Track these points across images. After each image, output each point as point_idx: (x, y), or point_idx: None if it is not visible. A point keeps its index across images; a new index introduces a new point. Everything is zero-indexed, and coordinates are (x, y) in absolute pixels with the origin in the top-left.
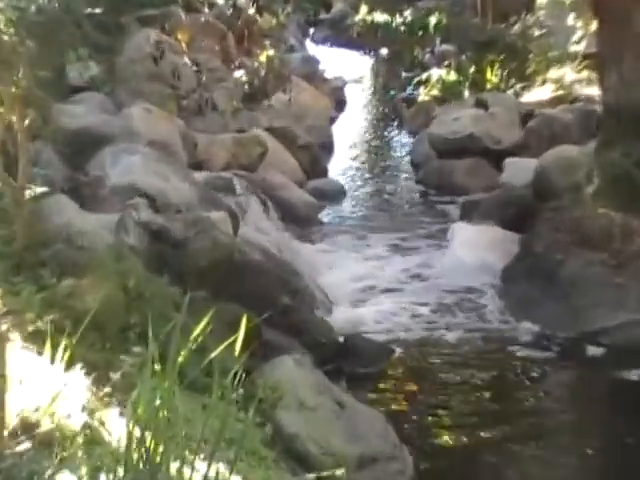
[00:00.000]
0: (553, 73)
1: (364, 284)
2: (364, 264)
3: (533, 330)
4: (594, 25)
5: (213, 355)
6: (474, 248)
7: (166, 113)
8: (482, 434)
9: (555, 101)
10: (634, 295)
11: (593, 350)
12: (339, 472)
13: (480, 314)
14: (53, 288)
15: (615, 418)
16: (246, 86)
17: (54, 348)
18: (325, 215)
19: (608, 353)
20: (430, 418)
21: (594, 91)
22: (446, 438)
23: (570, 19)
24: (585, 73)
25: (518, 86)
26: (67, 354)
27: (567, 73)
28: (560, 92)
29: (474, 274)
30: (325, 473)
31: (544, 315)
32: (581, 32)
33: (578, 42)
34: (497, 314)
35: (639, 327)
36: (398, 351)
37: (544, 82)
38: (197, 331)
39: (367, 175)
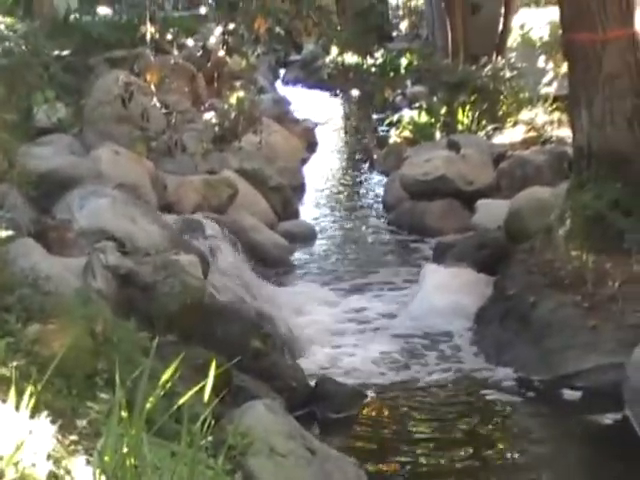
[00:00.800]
0: (524, 115)
1: (336, 327)
2: (336, 307)
3: (507, 373)
4: (565, 67)
5: (182, 401)
6: (447, 290)
7: (135, 155)
8: (457, 478)
9: (527, 142)
10: (607, 338)
11: (567, 393)
12: None
13: (453, 357)
14: (19, 334)
15: (590, 462)
16: (216, 128)
17: (19, 395)
18: (296, 257)
19: (582, 396)
20: (403, 464)
21: (565, 133)
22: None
23: (541, 61)
24: (556, 115)
25: (490, 127)
26: (32, 401)
27: (538, 115)
28: (532, 134)
29: (447, 317)
30: None
31: (518, 358)
32: (552, 74)
33: (549, 84)
34: (471, 357)
35: (612, 370)
36: (370, 395)
37: (515, 124)
38: (165, 377)
39: (339, 216)
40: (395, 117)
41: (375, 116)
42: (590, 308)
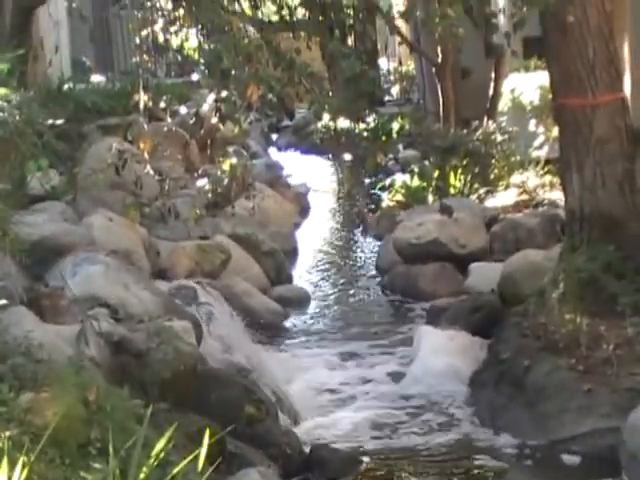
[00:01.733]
0: (516, 178)
1: (330, 393)
2: (330, 372)
3: (502, 438)
4: (555, 131)
5: (176, 470)
6: (441, 354)
7: (128, 221)
8: None
9: (519, 205)
10: (603, 401)
11: (564, 458)
12: None
13: (448, 422)
14: (11, 403)
15: None
16: (209, 194)
17: (12, 466)
18: (290, 322)
19: (579, 461)
20: None
21: (557, 195)
22: None
23: (531, 125)
24: (548, 178)
25: (482, 191)
26: (25, 472)
27: (530, 178)
28: (524, 197)
29: (442, 380)
30: None
31: (513, 422)
32: (543, 137)
33: (540, 147)
34: (466, 422)
35: (609, 434)
36: (365, 461)
37: (507, 187)
38: (159, 446)
39: (332, 281)
40: (387, 181)
41: (367, 180)
42: (585, 371)
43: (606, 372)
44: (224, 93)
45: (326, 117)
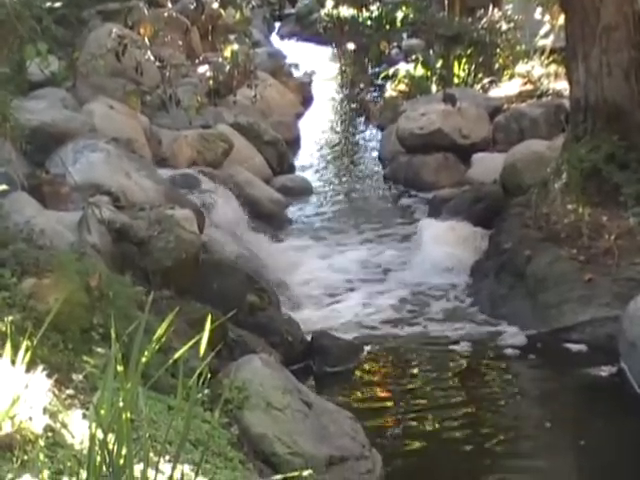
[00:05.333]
0: (520, 67)
1: (332, 282)
2: (332, 261)
3: (503, 327)
4: (561, 19)
5: (177, 355)
6: (443, 244)
7: (129, 109)
8: (453, 433)
9: (523, 96)
10: (603, 291)
11: (563, 347)
12: (307, 473)
13: (450, 311)
14: (14, 288)
15: (585, 413)
16: (211, 81)
17: (15, 350)
18: (292, 212)
19: (578, 349)
20: (400, 416)
21: (562, 85)
22: (416, 437)
23: (537, 13)
24: (553, 67)
25: (486, 81)
26: (28, 356)
27: (535, 67)
28: (528, 87)
29: (443, 270)
30: (293, 474)
31: (514, 312)
32: (548, 26)
33: (545, 36)
34: (467, 311)
35: (608, 323)
36: (367, 349)
37: (512, 77)
38: (161, 331)
39: (334, 171)
40: (391, 70)
41: (371, 70)
42: (586, 261)
43: (607, 262)
44: None
45: (329, 4)
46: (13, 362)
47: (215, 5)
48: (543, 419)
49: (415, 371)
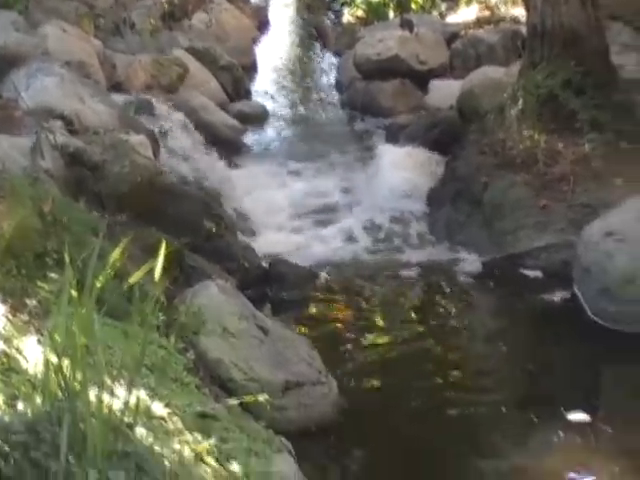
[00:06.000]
0: None
1: (289, 208)
2: (289, 187)
3: (460, 253)
4: None
5: (132, 280)
6: (401, 170)
7: (82, 33)
8: (408, 359)
9: (480, 22)
10: (558, 217)
11: (518, 272)
12: (262, 397)
13: (406, 237)
14: None
15: (539, 337)
16: (165, 5)
17: None
18: (249, 138)
19: (533, 275)
20: (356, 342)
21: (519, 12)
22: (372, 363)
23: None
24: None
25: (443, 6)
26: None
27: None
28: (485, 13)
29: (401, 197)
30: (248, 398)
31: (470, 238)
32: None
33: None
34: (424, 237)
35: (563, 249)
36: (323, 276)
37: (469, 2)
38: (115, 255)
39: (291, 97)
40: None
41: None
42: (541, 188)
43: (562, 188)
44: None
45: None
46: None
47: None
48: (498, 344)
49: (372, 298)
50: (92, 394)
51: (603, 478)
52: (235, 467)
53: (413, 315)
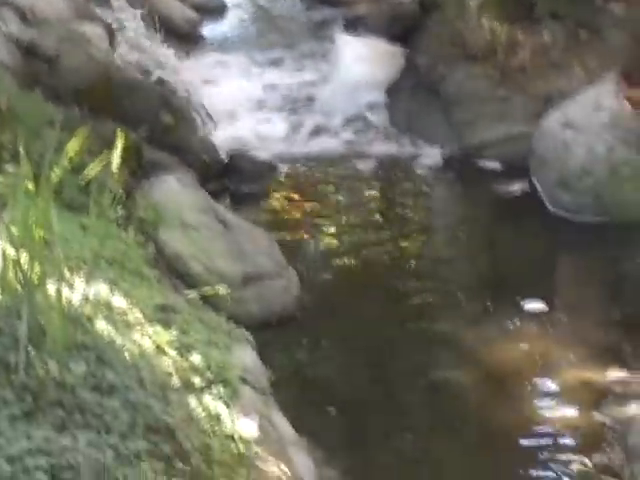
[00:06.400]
0: None
1: (248, 101)
2: (247, 81)
3: (419, 144)
4: None
5: (90, 171)
6: (360, 62)
7: None
8: (368, 250)
9: None
10: (516, 108)
11: (476, 164)
12: (222, 289)
13: (365, 129)
14: None
15: (497, 224)
16: None
17: None
18: (206, 30)
19: (491, 166)
20: (316, 235)
21: None
22: (332, 256)
23: None
24: None
25: None
26: None
27: None
28: None
29: (359, 89)
30: (208, 289)
31: (428, 129)
32: None
33: None
34: (382, 129)
35: (521, 140)
36: (283, 169)
37: None
38: (72, 147)
39: None
40: None
41: None
42: (500, 79)
43: (521, 79)
44: None
45: None
46: None
47: None
48: (456, 234)
49: (332, 190)
50: (51, 287)
51: (558, 365)
52: (196, 358)
53: (373, 207)
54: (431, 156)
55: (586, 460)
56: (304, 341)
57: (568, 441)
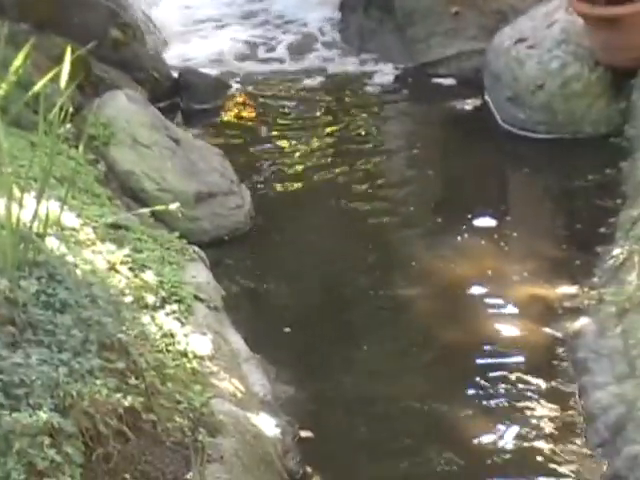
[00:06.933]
0: None
1: (198, 17)
2: None
3: (372, 62)
4: None
5: (37, 88)
6: None
7: None
8: (320, 169)
9: None
10: (470, 24)
11: (430, 81)
12: (174, 206)
13: (319, 46)
14: None
15: (450, 146)
16: None
17: None
18: None
19: (445, 83)
20: (268, 153)
21: None
22: (285, 174)
23: None
24: None
25: None
26: None
27: None
28: None
29: (312, 5)
30: (160, 207)
31: (381, 47)
32: None
33: None
34: (334, 45)
35: (474, 56)
36: (235, 86)
37: None
38: (18, 62)
39: None
40: None
41: None
42: None
43: None
44: None
45: None
46: None
47: None
48: (409, 152)
49: (285, 109)
50: (0, 205)
51: (510, 280)
52: (149, 276)
53: (325, 125)
54: (385, 73)
55: (536, 375)
56: (257, 259)
57: (519, 356)
